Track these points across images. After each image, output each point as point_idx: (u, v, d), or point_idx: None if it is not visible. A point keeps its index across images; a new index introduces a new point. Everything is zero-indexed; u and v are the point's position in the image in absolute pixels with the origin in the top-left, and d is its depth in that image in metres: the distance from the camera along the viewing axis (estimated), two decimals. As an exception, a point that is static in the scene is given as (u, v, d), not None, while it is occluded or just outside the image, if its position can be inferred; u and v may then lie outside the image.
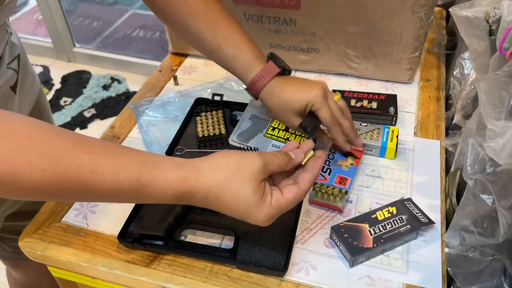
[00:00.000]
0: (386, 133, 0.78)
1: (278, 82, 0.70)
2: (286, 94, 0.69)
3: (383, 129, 0.79)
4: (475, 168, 0.55)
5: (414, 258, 0.63)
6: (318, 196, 0.70)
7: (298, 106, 0.68)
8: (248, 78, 0.71)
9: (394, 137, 0.78)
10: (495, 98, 0.48)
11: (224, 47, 0.71)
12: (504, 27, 0.51)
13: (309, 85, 0.69)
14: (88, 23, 2.79)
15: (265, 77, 0.70)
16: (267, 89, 0.70)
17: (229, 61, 0.72)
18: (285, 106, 0.70)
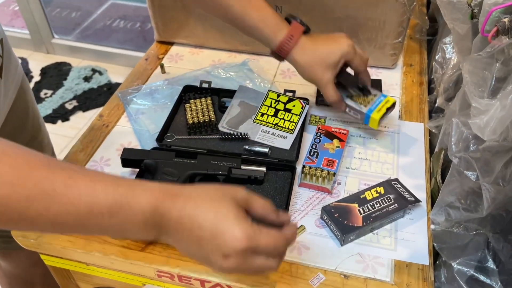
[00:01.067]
0: (378, 102, 0.78)
1: (308, 39, 0.73)
2: (320, 48, 0.72)
3: (379, 97, 0.78)
4: (460, 146, 0.57)
5: (402, 235, 0.66)
6: (307, 178, 0.72)
7: (333, 58, 0.71)
8: (277, 39, 0.72)
9: (384, 108, 0.77)
10: (478, 78, 0.51)
11: (251, 11, 0.72)
12: (486, 10, 0.53)
13: (338, 38, 0.73)
14: (67, 14, 2.74)
15: (294, 35, 0.72)
16: (298, 46, 0.72)
17: (256, 25, 0.73)
18: (321, 60, 0.72)
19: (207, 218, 0.47)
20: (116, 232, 0.48)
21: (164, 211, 0.47)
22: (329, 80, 0.73)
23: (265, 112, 0.82)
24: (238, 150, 0.77)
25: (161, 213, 0.47)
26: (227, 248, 0.46)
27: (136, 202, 0.46)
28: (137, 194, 0.47)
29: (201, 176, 0.71)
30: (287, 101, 0.84)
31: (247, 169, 0.72)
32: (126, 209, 0.46)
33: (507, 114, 0.44)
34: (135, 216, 0.46)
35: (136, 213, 0.46)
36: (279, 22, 0.73)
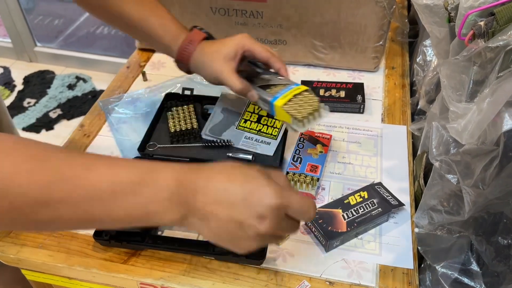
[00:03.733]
0: (287, 90, 0.69)
1: (207, 43, 0.71)
2: (216, 46, 0.70)
3: (289, 86, 0.70)
4: (440, 149, 0.58)
5: (387, 240, 0.66)
6: (291, 185, 0.71)
7: (228, 49, 0.69)
8: (176, 45, 0.71)
9: (290, 95, 0.68)
10: (456, 82, 0.51)
11: (151, 17, 0.71)
12: (462, 13, 0.53)
13: (234, 36, 0.71)
14: (49, 21, 2.71)
15: (193, 40, 0.71)
16: (197, 51, 0.71)
17: (156, 31, 0.71)
18: (217, 55, 0.69)
19: (235, 181, 0.45)
20: (142, 216, 0.45)
21: (188, 183, 0.45)
22: (230, 70, 0.69)
23: (248, 119, 0.82)
24: (221, 157, 0.77)
25: (186, 186, 0.45)
26: (262, 207, 0.44)
27: (159, 177, 0.45)
28: (159, 169, 0.45)
29: (184, 185, 0.70)
30: (270, 107, 0.83)
31: (230, 176, 0.71)
32: (150, 185, 0.44)
33: (484, 118, 0.45)
34: (160, 192, 0.44)
35: (160, 189, 0.44)
36: (180, 29, 0.72)
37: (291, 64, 1.00)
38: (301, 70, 0.99)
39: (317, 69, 0.99)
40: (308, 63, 0.99)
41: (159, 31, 0.71)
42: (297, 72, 0.98)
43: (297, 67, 1.00)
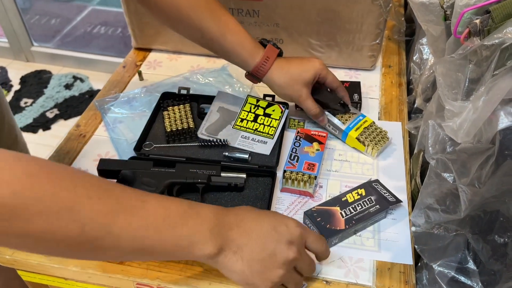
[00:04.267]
0: (357, 121, 0.80)
1: (282, 61, 0.77)
2: (295, 67, 0.76)
3: (358, 116, 0.80)
4: (436, 148, 0.57)
5: (385, 236, 0.66)
6: (289, 183, 0.71)
7: (308, 75, 0.75)
8: (254, 61, 0.75)
9: (362, 128, 0.78)
10: (452, 80, 0.51)
11: (229, 35, 0.74)
12: (457, 11, 0.53)
13: (310, 58, 0.78)
14: (46, 21, 2.70)
15: (270, 58, 0.75)
16: (273, 67, 0.76)
17: (234, 48, 0.75)
18: (296, 77, 0.76)
19: (263, 216, 0.54)
20: (186, 246, 0.50)
21: (225, 217, 0.53)
22: (307, 95, 0.77)
23: (245, 118, 0.82)
24: (217, 157, 0.77)
25: (223, 220, 0.52)
26: (290, 234, 0.53)
27: (201, 210, 0.52)
28: (199, 205, 0.53)
29: (180, 185, 0.70)
30: (266, 106, 0.83)
31: (227, 176, 0.71)
32: (195, 217, 0.50)
33: (480, 116, 0.44)
34: (203, 223, 0.51)
35: (203, 220, 0.51)
36: (255, 45, 0.76)
37: (288, 63, 0.99)
38: (298, 69, 0.98)
39: (314, 68, 0.98)
40: (305, 62, 0.99)
41: (237, 48, 0.75)
42: (294, 71, 0.98)
43: (293, 66, 0.99)
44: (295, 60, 0.77)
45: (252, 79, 0.79)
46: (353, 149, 0.79)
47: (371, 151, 0.76)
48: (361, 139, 0.77)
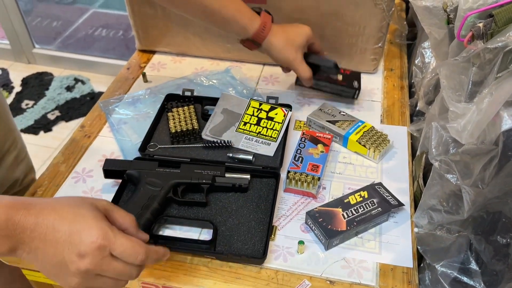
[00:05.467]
0: (356, 126, 0.81)
1: (278, 26, 0.81)
2: (290, 32, 0.81)
3: (356, 122, 0.82)
4: (440, 149, 0.58)
5: (386, 239, 0.66)
6: (292, 183, 0.72)
7: (301, 39, 0.81)
8: (253, 27, 0.79)
9: (361, 132, 0.79)
10: (455, 82, 0.51)
11: (227, 4, 0.77)
12: (461, 15, 0.54)
13: (300, 25, 0.83)
14: (47, 23, 2.71)
15: (267, 23, 0.80)
16: (271, 33, 0.80)
17: (234, 16, 0.78)
18: (292, 42, 0.81)
19: (64, 220, 0.48)
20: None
21: (18, 220, 0.47)
22: (302, 58, 0.82)
23: (248, 121, 0.82)
24: (222, 158, 0.77)
25: (14, 222, 0.47)
26: (83, 246, 0.47)
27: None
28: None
29: (185, 185, 0.70)
30: (269, 109, 0.84)
31: (231, 177, 0.71)
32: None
33: (483, 118, 0.45)
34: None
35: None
36: (252, 12, 0.79)
37: (291, 66, 1.00)
38: (301, 72, 0.99)
39: (317, 71, 0.99)
40: (308, 65, 1.00)
41: (237, 16, 0.78)
42: (297, 74, 0.99)
43: (296, 69, 1.00)
44: (288, 26, 0.82)
45: (250, 46, 0.82)
46: (356, 152, 0.80)
47: (373, 154, 0.77)
48: (362, 142, 0.78)
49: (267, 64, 1.01)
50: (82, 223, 0.48)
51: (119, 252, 0.48)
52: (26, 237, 0.47)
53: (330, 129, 0.81)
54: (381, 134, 0.79)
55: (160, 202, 0.66)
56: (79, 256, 0.47)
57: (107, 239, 0.47)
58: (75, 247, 0.47)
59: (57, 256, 0.47)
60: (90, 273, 0.48)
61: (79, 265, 0.47)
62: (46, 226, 0.47)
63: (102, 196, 0.73)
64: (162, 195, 0.67)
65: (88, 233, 0.47)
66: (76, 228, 0.47)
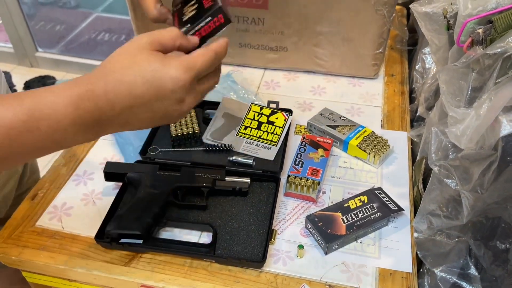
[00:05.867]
0: (356, 131, 0.81)
1: None
2: None
3: (357, 127, 0.82)
4: (439, 155, 0.58)
5: (386, 244, 0.66)
6: (292, 188, 0.72)
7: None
8: None
9: (362, 137, 0.80)
10: (455, 88, 0.52)
11: None
12: (461, 21, 0.54)
13: None
14: (51, 27, 2.73)
15: None
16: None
17: None
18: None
19: (138, 84, 0.45)
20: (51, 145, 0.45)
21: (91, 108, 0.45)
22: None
23: (249, 125, 0.83)
24: (222, 162, 0.77)
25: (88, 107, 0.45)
26: (177, 93, 0.47)
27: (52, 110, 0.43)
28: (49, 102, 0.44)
29: (185, 189, 0.70)
30: (270, 113, 0.84)
31: (231, 180, 0.72)
32: (46, 118, 0.43)
33: (482, 123, 0.45)
34: (59, 122, 0.44)
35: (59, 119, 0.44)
36: None
37: (292, 71, 1.01)
38: (302, 77, 1.00)
39: (317, 76, 1.00)
40: (309, 70, 1.00)
41: None
42: (298, 79, 0.99)
43: (297, 74, 1.01)
44: None
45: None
46: (356, 157, 0.80)
47: (373, 159, 0.77)
48: (362, 147, 0.78)
49: (268, 69, 1.02)
50: (156, 76, 0.46)
51: (203, 71, 0.49)
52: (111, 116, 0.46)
53: (331, 133, 0.81)
54: (381, 139, 0.79)
55: (161, 205, 0.67)
56: (179, 102, 0.47)
57: (190, 70, 0.47)
58: (169, 100, 0.47)
59: (156, 116, 0.48)
60: (193, 105, 0.49)
61: (183, 109, 0.48)
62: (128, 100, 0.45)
63: (103, 199, 0.73)
64: (162, 199, 0.67)
65: (172, 80, 0.46)
66: (157, 84, 0.46)
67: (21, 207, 0.72)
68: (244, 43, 0.98)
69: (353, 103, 0.92)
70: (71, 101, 0.44)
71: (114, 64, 0.46)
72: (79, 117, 0.45)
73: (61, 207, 0.72)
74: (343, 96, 0.94)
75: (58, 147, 0.46)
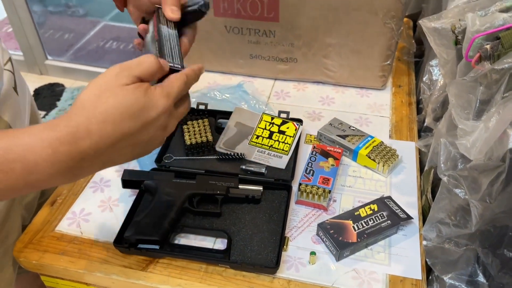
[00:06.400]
0: (366, 141, 0.83)
1: None
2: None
3: (366, 137, 0.84)
4: (448, 165, 0.60)
5: (396, 251, 0.68)
6: (303, 196, 0.74)
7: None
8: None
9: (371, 146, 0.82)
10: (463, 101, 0.54)
11: None
12: (469, 37, 0.57)
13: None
14: (60, 35, 2.77)
15: None
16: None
17: None
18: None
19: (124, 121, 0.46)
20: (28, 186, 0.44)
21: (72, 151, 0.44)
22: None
23: (260, 135, 0.85)
24: (235, 170, 0.79)
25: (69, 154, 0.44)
26: (160, 120, 0.49)
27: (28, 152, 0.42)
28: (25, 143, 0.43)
29: (200, 196, 0.73)
30: (281, 123, 0.87)
31: (244, 188, 0.74)
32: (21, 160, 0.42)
33: (491, 135, 0.48)
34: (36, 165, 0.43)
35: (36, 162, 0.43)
36: None
37: (301, 81, 1.03)
38: (311, 87, 1.02)
39: (326, 86, 1.02)
40: (318, 80, 1.03)
41: None
42: (307, 89, 1.02)
43: (306, 84, 1.03)
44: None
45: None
46: (366, 166, 0.82)
47: (382, 168, 0.79)
48: (371, 157, 0.80)
49: (278, 79, 1.04)
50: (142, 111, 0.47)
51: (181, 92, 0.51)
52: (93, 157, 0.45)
53: (340, 143, 0.83)
54: (390, 149, 0.81)
55: (177, 212, 0.69)
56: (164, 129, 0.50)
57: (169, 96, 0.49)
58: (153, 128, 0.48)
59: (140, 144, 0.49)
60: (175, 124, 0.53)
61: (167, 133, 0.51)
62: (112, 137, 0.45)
63: (119, 205, 0.75)
64: (178, 205, 0.69)
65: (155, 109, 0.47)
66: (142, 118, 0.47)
67: (40, 213, 0.75)
68: (255, 54, 1.00)
69: (361, 113, 0.94)
70: (49, 144, 0.43)
71: (95, 102, 0.45)
72: (58, 161, 0.43)
73: (80, 213, 0.74)
74: (352, 106, 0.96)
75: (33, 188, 0.45)
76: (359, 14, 0.88)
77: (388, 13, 0.87)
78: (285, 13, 0.92)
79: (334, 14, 0.90)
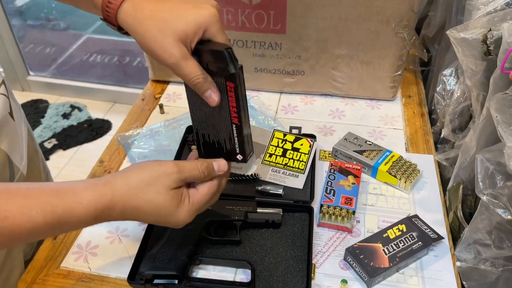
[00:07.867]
0: (385, 156, 0.79)
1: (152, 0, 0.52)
2: (166, 12, 0.51)
3: (384, 152, 0.80)
4: (487, 183, 0.57)
5: (429, 274, 0.64)
6: (326, 218, 0.70)
7: (183, 26, 0.50)
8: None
9: (390, 162, 0.78)
10: (508, 116, 0.51)
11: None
12: (505, 47, 0.54)
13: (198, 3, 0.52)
14: (41, 50, 2.68)
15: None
16: (129, 6, 0.51)
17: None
18: (163, 27, 0.50)
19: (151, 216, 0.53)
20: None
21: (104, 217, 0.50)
22: (183, 54, 0.50)
23: (273, 153, 0.81)
24: (250, 192, 0.75)
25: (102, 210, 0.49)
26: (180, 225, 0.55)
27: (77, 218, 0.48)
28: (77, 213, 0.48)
29: (218, 223, 0.68)
30: (294, 140, 0.83)
31: (263, 212, 0.69)
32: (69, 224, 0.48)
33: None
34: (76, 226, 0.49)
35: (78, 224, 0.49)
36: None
37: (308, 94, 1.00)
38: (318, 100, 0.99)
39: (334, 98, 0.99)
40: (325, 93, 0.99)
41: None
42: (315, 102, 0.98)
43: (314, 97, 0.99)
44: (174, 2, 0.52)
45: (111, 26, 0.54)
46: (386, 182, 0.78)
47: (404, 184, 0.76)
48: (392, 173, 0.76)
49: (284, 92, 1.00)
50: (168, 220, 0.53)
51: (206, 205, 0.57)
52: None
53: (358, 159, 0.79)
54: (410, 163, 0.78)
55: (194, 242, 0.64)
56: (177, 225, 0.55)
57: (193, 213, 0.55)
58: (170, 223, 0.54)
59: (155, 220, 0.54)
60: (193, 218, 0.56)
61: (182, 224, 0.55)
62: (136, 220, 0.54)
63: (129, 236, 0.70)
64: (196, 235, 0.64)
65: (177, 223, 0.54)
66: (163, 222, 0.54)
67: (42, 247, 0.69)
68: (260, 67, 0.96)
69: (374, 126, 0.91)
70: (94, 213, 0.49)
71: (139, 190, 0.51)
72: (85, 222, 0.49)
73: (86, 246, 0.68)
74: (363, 119, 0.93)
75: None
76: (370, 24, 0.85)
77: (401, 22, 0.84)
78: (293, 25, 0.88)
79: (344, 24, 0.86)
